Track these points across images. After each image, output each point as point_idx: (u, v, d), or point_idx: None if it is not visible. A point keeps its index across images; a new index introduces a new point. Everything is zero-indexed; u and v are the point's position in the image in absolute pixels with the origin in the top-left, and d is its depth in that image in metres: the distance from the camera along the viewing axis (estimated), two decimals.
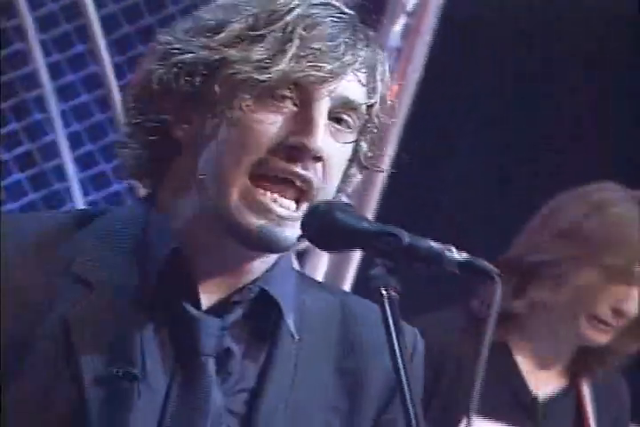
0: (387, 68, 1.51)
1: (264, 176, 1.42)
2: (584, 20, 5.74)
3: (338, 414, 1.53)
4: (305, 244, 1.69)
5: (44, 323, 1.44)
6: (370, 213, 4.41)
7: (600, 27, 5.81)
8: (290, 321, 1.50)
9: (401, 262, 1.36)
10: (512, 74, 5.87)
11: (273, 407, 1.48)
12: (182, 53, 1.42)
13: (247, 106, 1.41)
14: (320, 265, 4.26)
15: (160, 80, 1.44)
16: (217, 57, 1.42)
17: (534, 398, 2.89)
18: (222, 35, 1.42)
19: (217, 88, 1.43)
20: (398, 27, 4.79)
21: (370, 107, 1.48)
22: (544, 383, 2.93)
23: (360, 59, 1.44)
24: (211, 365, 1.46)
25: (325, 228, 1.39)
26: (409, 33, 4.85)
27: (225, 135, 1.43)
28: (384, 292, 1.31)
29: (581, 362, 2.96)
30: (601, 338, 2.85)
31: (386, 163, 1.87)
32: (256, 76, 1.39)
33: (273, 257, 1.51)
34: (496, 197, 5.29)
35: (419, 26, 4.84)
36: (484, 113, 5.73)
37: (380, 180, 4.54)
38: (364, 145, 1.53)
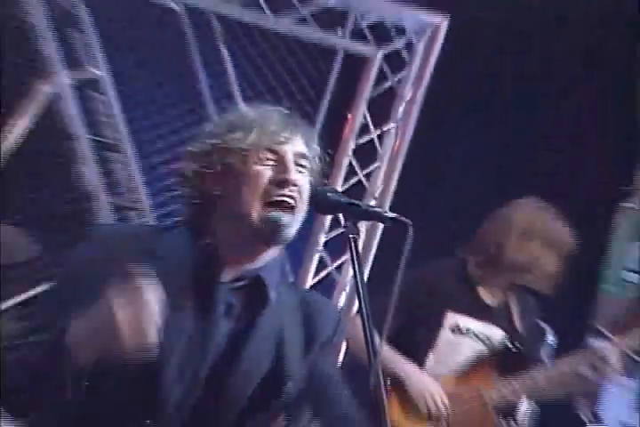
0: (315, 136, 2.50)
1: (269, 201, 2.31)
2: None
3: (293, 347, 2.44)
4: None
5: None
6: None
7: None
8: (272, 294, 2.39)
9: (361, 219, 2.31)
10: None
11: (254, 338, 2.38)
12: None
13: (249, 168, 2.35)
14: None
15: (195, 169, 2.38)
16: (222, 146, 2.36)
17: (487, 305, 4.04)
18: (219, 136, 2.39)
19: (230, 160, 2.35)
20: None
21: (311, 157, 2.44)
22: (488, 294, 4.08)
23: (299, 133, 2.42)
24: (220, 309, 2.36)
25: (321, 202, 2.34)
26: None
27: (242, 184, 2.34)
28: (351, 236, 2.24)
29: (510, 283, 4.06)
30: None
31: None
32: (241, 146, 2.34)
33: (270, 255, 2.41)
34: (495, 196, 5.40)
35: None
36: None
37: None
38: (313, 177, 2.47)
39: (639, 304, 4.21)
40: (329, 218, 5.69)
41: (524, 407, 4.07)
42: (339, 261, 5.86)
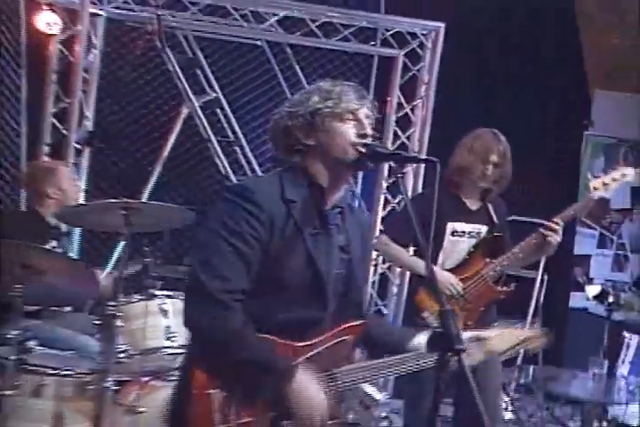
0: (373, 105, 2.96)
1: (355, 143, 2.82)
2: None
3: (356, 251, 2.99)
4: None
5: (279, 218, 2.80)
6: None
7: None
8: (348, 215, 2.97)
9: (403, 162, 2.94)
10: None
11: (353, 247, 2.96)
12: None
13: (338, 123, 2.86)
14: None
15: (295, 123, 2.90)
16: (322, 110, 2.88)
17: (471, 210, 4.66)
18: (318, 102, 2.91)
19: (320, 119, 2.87)
20: None
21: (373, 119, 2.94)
22: (471, 203, 4.68)
23: (368, 101, 2.93)
24: (335, 229, 2.91)
25: (372, 154, 2.82)
26: None
27: (335, 137, 2.86)
28: (398, 175, 2.91)
29: (482, 192, 4.66)
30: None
31: None
32: (335, 110, 2.86)
33: (344, 188, 2.94)
34: None
35: None
36: None
37: None
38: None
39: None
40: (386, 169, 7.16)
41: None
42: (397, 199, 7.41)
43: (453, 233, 4.56)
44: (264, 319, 2.74)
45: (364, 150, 2.80)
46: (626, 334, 7.13)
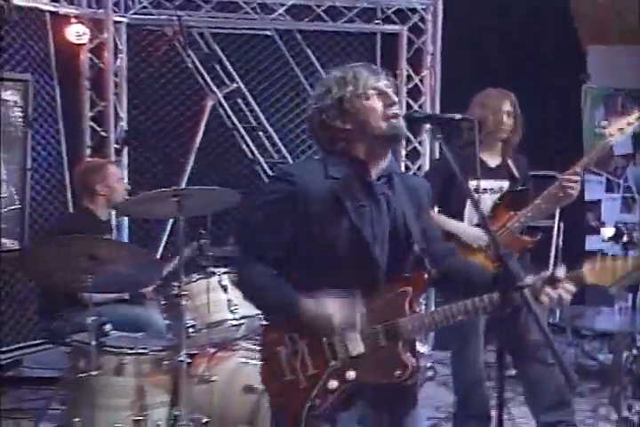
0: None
1: (388, 117, 2.93)
2: None
3: (411, 215, 3.05)
4: None
5: (319, 194, 2.96)
6: None
7: None
8: (397, 183, 3.06)
9: (440, 122, 2.93)
10: None
11: (400, 212, 3.04)
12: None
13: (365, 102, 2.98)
14: None
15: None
16: (346, 96, 3.01)
17: (491, 167, 4.85)
18: (338, 88, 3.03)
19: (349, 104, 2.99)
20: None
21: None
22: (490, 160, 4.86)
23: (383, 73, 3.07)
24: (381, 198, 3.01)
25: (408, 119, 2.98)
26: None
27: (368, 113, 2.98)
28: (438, 137, 2.92)
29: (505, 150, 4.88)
30: None
31: None
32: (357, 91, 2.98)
33: (388, 158, 3.04)
34: None
35: None
36: None
37: None
38: None
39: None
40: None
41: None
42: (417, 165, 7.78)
43: (476, 190, 4.44)
44: (316, 287, 2.89)
45: (395, 116, 2.94)
46: None
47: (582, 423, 5.56)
